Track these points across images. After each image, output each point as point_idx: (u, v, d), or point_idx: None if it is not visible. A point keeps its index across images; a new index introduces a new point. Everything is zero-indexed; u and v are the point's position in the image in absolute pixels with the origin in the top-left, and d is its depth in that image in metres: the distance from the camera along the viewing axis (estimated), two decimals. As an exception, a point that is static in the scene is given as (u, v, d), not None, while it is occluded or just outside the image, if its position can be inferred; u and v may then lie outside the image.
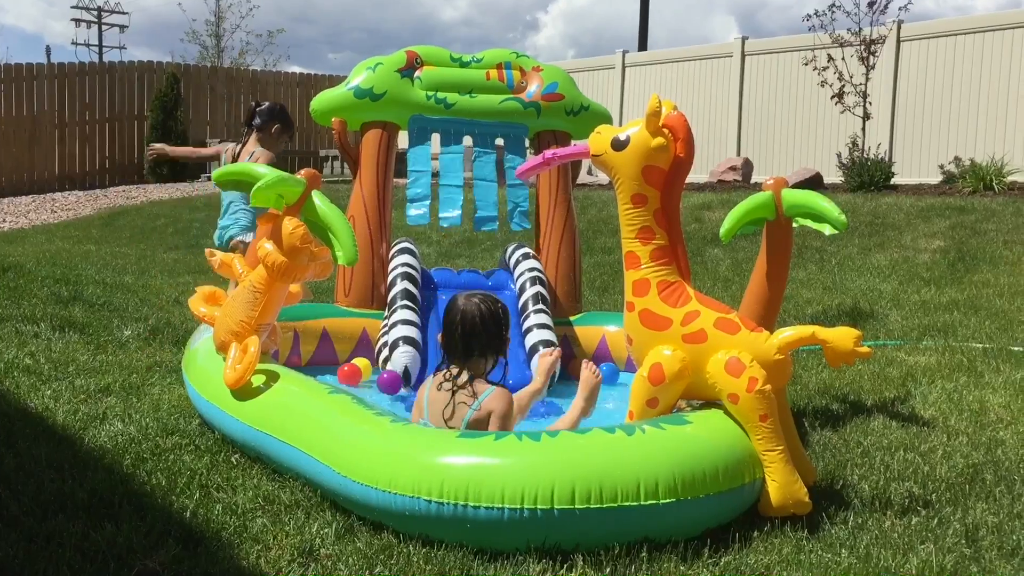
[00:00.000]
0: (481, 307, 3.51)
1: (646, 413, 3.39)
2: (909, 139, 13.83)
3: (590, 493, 2.82)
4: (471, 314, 3.48)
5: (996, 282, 7.53)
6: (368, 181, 5.44)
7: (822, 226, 3.91)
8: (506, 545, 2.83)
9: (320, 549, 2.88)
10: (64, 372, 4.92)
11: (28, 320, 6.08)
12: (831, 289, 7.71)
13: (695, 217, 10.73)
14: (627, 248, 3.51)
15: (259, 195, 3.68)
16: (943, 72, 13.52)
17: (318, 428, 3.35)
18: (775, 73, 15.51)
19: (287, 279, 3.80)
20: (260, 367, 3.80)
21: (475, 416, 3.40)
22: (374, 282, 5.32)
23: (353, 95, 5.40)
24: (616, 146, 3.45)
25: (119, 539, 2.81)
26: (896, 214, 10.02)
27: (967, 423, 4.29)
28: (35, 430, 3.86)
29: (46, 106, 18.33)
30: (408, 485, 2.90)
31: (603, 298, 7.47)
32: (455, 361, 3.51)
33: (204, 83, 20.25)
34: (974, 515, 3.21)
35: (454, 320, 3.49)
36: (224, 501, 3.20)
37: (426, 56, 5.55)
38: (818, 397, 4.75)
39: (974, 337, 6.00)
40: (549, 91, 5.57)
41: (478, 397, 3.42)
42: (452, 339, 3.50)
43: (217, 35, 28.40)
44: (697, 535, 2.94)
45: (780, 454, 3.16)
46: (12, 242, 11.19)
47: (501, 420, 3.40)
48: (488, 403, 3.42)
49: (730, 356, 3.26)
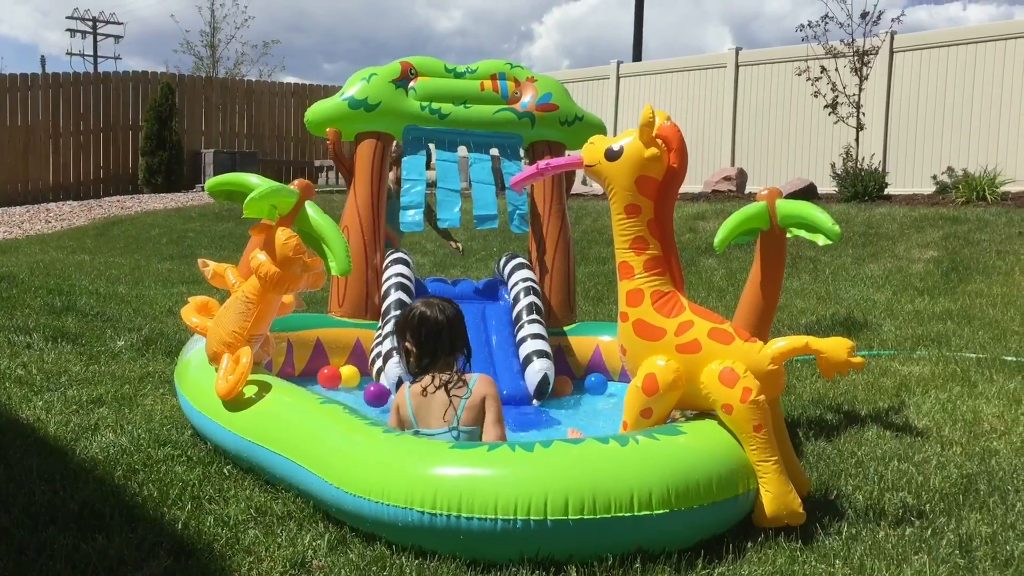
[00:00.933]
0: (444, 308, 3.60)
1: (640, 423, 3.38)
2: (902, 149, 13.87)
3: (583, 504, 2.81)
4: (439, 315, 3.56)
5: (989, 292, 7.55)
6: (363, 191, 5.44)
7: (816, 236, 3.92)
8: (499, 556, 2.82)
9: (312, 561, 2.86)
10: (56, 383, 4.90)
11: (21, 331, 6.06)
12: (825, 299, 7.72)
13: (689, 227, 10.74)
14: (621, 258, 3.51)
15: (252, 206, 3.67)
16: (936, 83, 13.58)
17: (311, 439, 3.34)
18: (769, 83, 15.56)
19: (280, 290, 3.79)
20: (253, 378, 3.79)
21: (470, 402, 3.41)
22: (368, 292, 5.31)
23: (347, 105, 5.41)
24: (610, 156, 3.45)
25: (110, 551, 2.80)
26: (889, 224, 10.05)
27: (961, 433, 4.29)
28: (26, 441, 3.85)
29: (40, 116, 18.31)
30: (401, 496, 2.89)
31: (597, 308, 7.47)
32: (433, 364, 3.52)
33: (199, 93, 20.25)
34: (968, 525, 3.20)
35: (425, 325, 3.54)
36: (216, 513, 3.18)
37: (420, 67, 5.55)
38: (812, 407, 4.75)
39: (967, 347, 6.01)
40: (543, 101, 5.58)
41: (468, 385, 3.43)
42: (430, 342, 3.53)
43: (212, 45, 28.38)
44: (691, 546, 2.93)
45: (774, 464, 3.16)
46: (6, 252, 11.16)
47: (495, 402, 3.44)
48: (479, 388, 3.44)
49: (724, 366, 3.26)
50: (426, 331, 3.52)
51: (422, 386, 3.47)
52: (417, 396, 3.48)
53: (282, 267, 3.71)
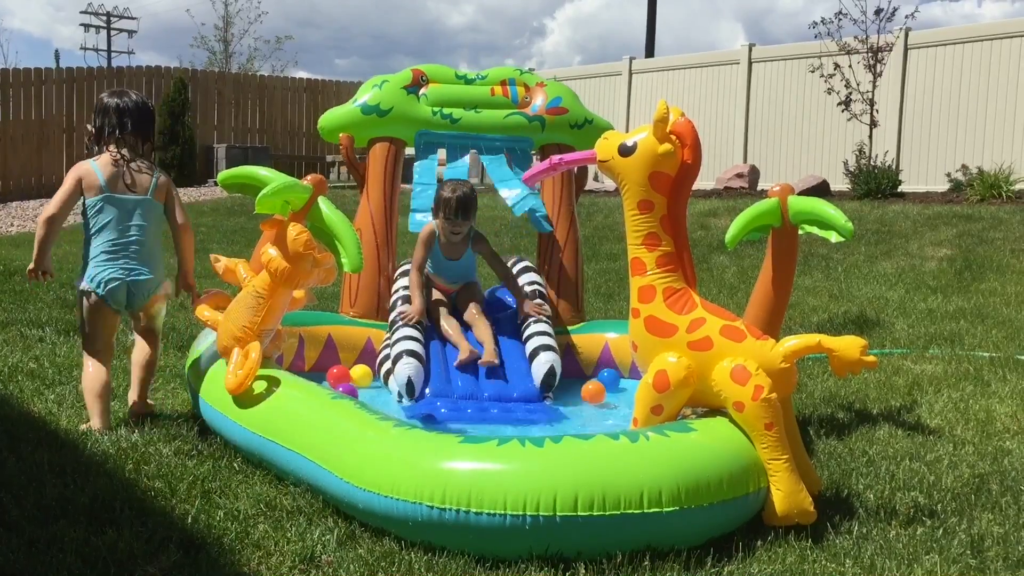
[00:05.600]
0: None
1: (650, 420, 3.37)
2: (916, 147, 13.80)
3: (593, 500, 2.80)
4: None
5: (1003, 291, 7.51)
6: (375, 194, 5.48)
7: (828, 233, 3.90)
8: (508, 552, 2.82)
9: (322, 556, 2.86)
10: (68, 376, 4.92)
11: (33, 324, 6.09)
12: (837, 297, 7.68)
13: (701, 224, 10.71)
14: (633, 254, 3.50)
15: (265, 201, 3.68)
16: (950, 80, 13.50)
17: (321, 433, 3.34)
18: (782, 80, 15.50)
19: (290, 285, 3.80)
20: (262, 372, 3.80)
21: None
22: (380, 293, 5.33)
23: (360, 111, 5.47)
24: (623, 152, 3.44)
25: (120, 545, 2.81)
26: (903, 222, 10.00)
27: (973, 432, 4.27)
28: (38, 435, 3.86)
29: (55, 110, 18.35)
30: (410, 491, 2.89)
31: (608, 305, 7.46)
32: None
33: (212, 88, 20.29)
34: (980, 525, 3.18)
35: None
36: (225, 507, 3.19)
37: (431, 74, 5.63)
38: (823, 406, 4.73)
39: (981, 346, 5.98)
40: (553, 105, 5.62)
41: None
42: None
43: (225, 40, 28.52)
44: (700, 544, 2.92)
45: (785, 463, 3.14)
46: (19, 246, 11.20)
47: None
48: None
49: (736, 364, 3.25)
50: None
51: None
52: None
53: (293, 262, 3.71)
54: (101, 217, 4.22)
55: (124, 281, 4.22)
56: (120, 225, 4.23)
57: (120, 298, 4.24)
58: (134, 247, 4.25)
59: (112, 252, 4.22)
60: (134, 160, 4.29)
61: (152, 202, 4.31)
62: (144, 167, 4.32)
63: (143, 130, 4.36)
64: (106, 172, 4.23)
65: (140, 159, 4.33)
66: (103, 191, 4.21)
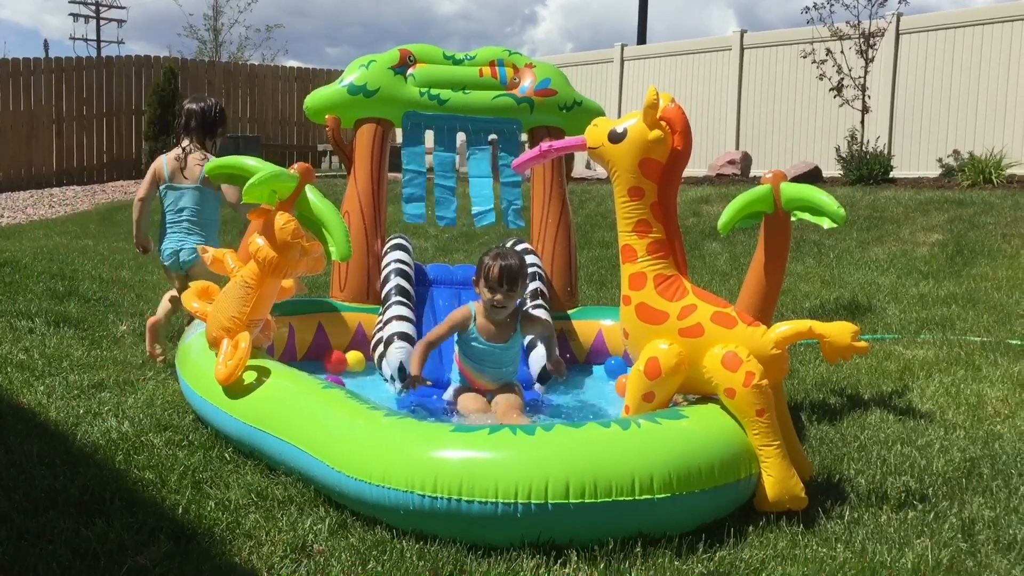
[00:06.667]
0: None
1: (642, 407, 3.37)
2: (908, 132, 13.80)
3: (584, 488, 2.80)
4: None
5: (994, 275, 7.52)
6: (363, 176, 5.44)
7: (820, 219, 3.89)
8: (500, 540, 2.82)
9: (313, 545, 2.86)
10: (58, 368, 4.90)
11: (23, 315, 6.06)
12: (829, 283, 7.69)
13: (693, 211, 10.70)
14: (624, 241, 3.49)
15: (253, 191, 3.66)
16: (942, 65, 13.49)
17: (311, 423, 3.33)
18: (774, 66, 15.48)
19: (278, 274, 3.78)
20: (252, 362, 3.78)
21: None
22: (369, 277, 5.31)
23: (347, 92, 5.41)
24: (613, 139, 3.43)
25: (110, 535, 2.80)
26: (895, 207, 10.00)
27: (964, 417, 4.28)
28: (27, 426, 3.84)
29: (43, 101, 18.25)
30: (401, 480, 2.88)
31: (600, 292, 7.46)
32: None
33: (202, 78, 20.18)
34: (971, 509, 3.19)
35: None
36: (216, 497, 3.18)
37: (419, 54, 5.56)
38: (815, 391, 4.73)
39: (972, 331, 5.99)
40: (542, 87, 5.58)
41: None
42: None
43: (215, 29, 28.34)
44: (692, 530, 2.92)
45: (776, 449, 3.14)
46: (9, 237, 11.16)
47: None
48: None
49: (727, 350, 3.24)
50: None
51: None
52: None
53: (280, 251, 3.70)
54: (165, 201, 5.37)
55: (175, 251, 5.31)
56: (176, 207, 5.34)
57: (172, 262, 5.33)
58: (184, 224, 5.32)
59: (169, 227, 5.35)
60: (195, 152, 5.35)
61: (202, 189, 5.34)
62: (199, 159, 5.31)
63: (208, 130, 5.46)
64: (171, 166, 5.36)
65: (201, 152, 5.38)
66: (165, 181, 5.35)
